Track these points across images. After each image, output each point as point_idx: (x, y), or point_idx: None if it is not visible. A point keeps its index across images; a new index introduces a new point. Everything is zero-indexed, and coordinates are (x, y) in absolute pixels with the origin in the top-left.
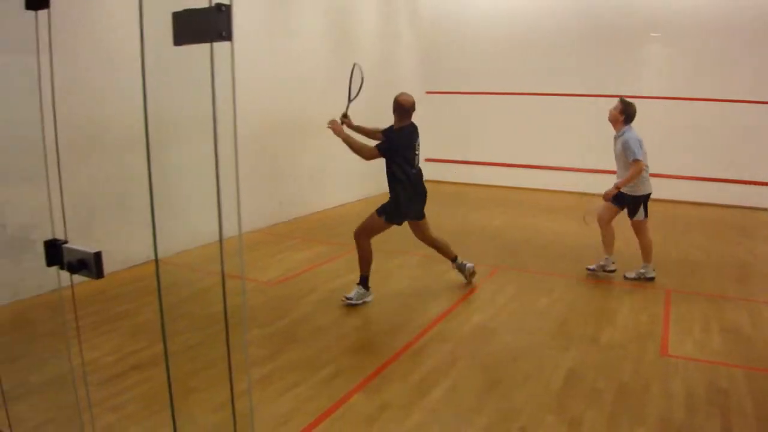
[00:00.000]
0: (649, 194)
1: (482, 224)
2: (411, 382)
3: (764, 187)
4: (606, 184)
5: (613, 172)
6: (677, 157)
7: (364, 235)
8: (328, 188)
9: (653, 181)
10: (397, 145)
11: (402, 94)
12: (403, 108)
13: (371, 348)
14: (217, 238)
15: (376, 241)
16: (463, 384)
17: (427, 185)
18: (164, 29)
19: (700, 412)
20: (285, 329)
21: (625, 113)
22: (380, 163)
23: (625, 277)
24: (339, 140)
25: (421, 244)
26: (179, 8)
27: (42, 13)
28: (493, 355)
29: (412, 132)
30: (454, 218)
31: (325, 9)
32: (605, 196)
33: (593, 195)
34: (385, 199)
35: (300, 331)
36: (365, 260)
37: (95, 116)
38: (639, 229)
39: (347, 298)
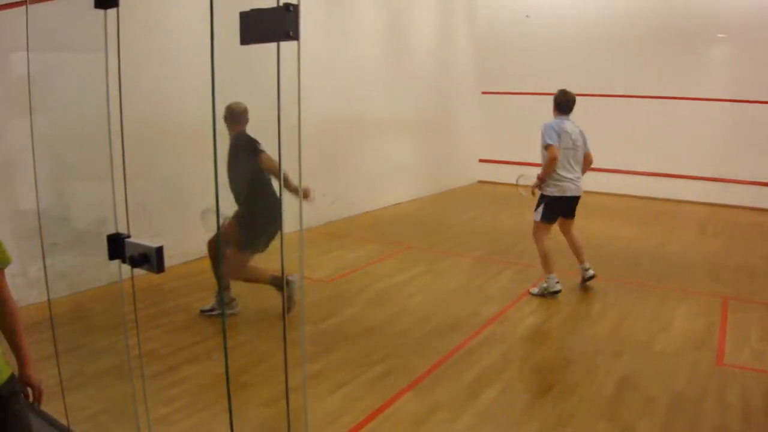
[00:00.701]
0: (558, 198)
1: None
2: (462, 383)
3: None
4: (667, 187)
5: (668, 175)
6: (741, 161)
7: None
8: (380, 188)
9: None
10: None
11: None
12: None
13: (422, 348)
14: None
15: (428, 242)
16: (514, 387)
17: (481, 186)
18: (231, 29)
19: (757, 423)
20: (336, 327)
21: (554, 101)
22: (433, 163)
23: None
24: (393, 140)
25: (477, 245)
26: (246, 8)
27: (111, 12)
28: (545, 359)
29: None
30: (509, 218)
31: (382, 9)
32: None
33: (651, 198)
34: (439, 198)
35: (351, 329)
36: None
37: (160, 114)
38: (534, 232)
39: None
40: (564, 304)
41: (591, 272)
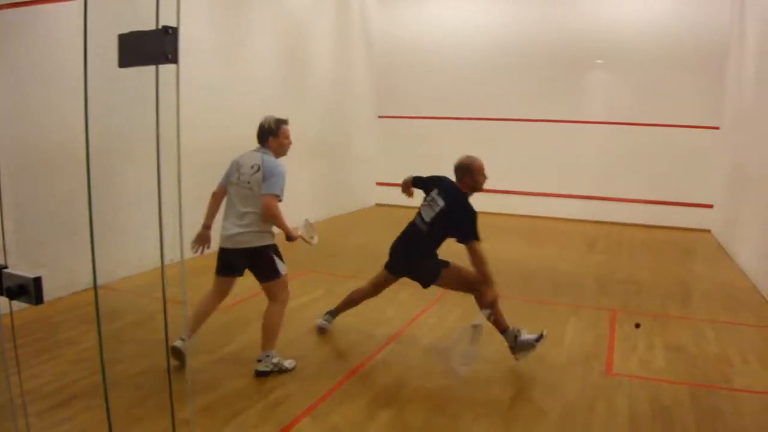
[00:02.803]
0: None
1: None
2: (359, 405)
3: (704, 209)
4: (556, 206)
5: (556, 195)
6: (620, 180)
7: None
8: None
9: (596, 204)
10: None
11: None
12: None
13: (320, 372)
14: (170, 263)
15: (329, 265)
16: (411, 407)
17: (379, 209)
18: (110, 50)
19: (644, 429)
20: (232, 354)
21: None
22: (330, 186)
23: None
24: (290, 164)
25: (375, 267)
26: (125, 30)
27: None
28: (441, 378)
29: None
30: None
31: (278, 33)
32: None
33: (543, 218)
34: (337, 221)
35: (247, 356)
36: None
37: (39, 139)
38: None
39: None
40: (459, 323)
41: None
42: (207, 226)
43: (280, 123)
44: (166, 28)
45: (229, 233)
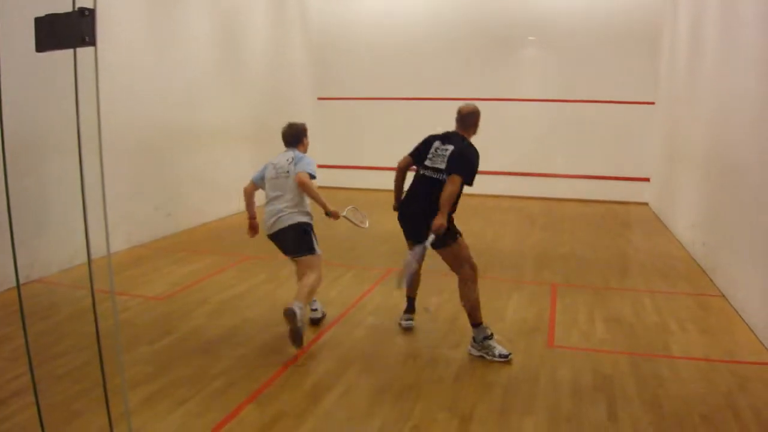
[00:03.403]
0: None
1: (374, 229)
2: (304, 389)
3: (641, 182)
4: (497, 184)
5: (496, 173)
6: (559, 156)
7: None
8: (217, 198)
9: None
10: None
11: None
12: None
13: (263, 357)
14: (102, 253)
15: (268, 250)
16: (356, 388)
17: (319, 191)
18: (27, 34)
19: (586, 398)
20: (174, 344)
21: None
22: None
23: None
24: (228, 148)
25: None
26: (41, 13)
27: None
28: (385, 357)
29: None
30: (346, 224)
31: (211, 15)
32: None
33: (482, 195)
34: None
35: (189, 345)
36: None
37: None
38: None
39: None
40: (403, 303)
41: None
42: (252, 217)
43: (306, 129)
44: (82, 10)
45: (270, 222)
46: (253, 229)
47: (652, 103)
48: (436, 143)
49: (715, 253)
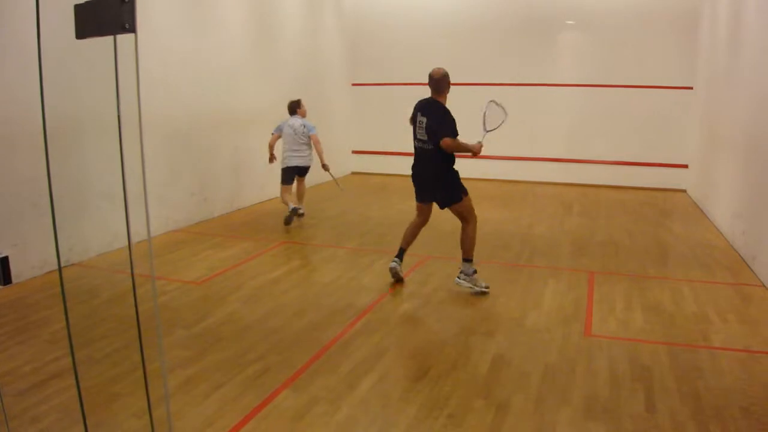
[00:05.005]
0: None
1: (410, 214)
2: (339, 375)
3: (680, 169)
4: (532, 170)
5: (532, 159)
6: (596, 142)
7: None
8: (253, 183)
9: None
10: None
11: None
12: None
13: (299, 343)
14: (138, 238)
15: (305, 236)
16: (391, 374)
17: (354, 177)
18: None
19: (624, 388)
20: (210, 329)
21: None
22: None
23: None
24: (263, 134)
25: (351, 236)
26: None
27: None
28: (421, 345)
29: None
30: (381, 209)
31: (245, 1)
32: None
33: (518, 182)
34: (313, 191)
35: (226, 329)
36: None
37: (7, 115)
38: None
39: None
40: (438, 290)
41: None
42: (272, 156)
43: (300, 102)
44: None
45: (290, 159)
46: (271, 160)
47: (691, 88)
48: (419, 115)
49: (756, 242)
